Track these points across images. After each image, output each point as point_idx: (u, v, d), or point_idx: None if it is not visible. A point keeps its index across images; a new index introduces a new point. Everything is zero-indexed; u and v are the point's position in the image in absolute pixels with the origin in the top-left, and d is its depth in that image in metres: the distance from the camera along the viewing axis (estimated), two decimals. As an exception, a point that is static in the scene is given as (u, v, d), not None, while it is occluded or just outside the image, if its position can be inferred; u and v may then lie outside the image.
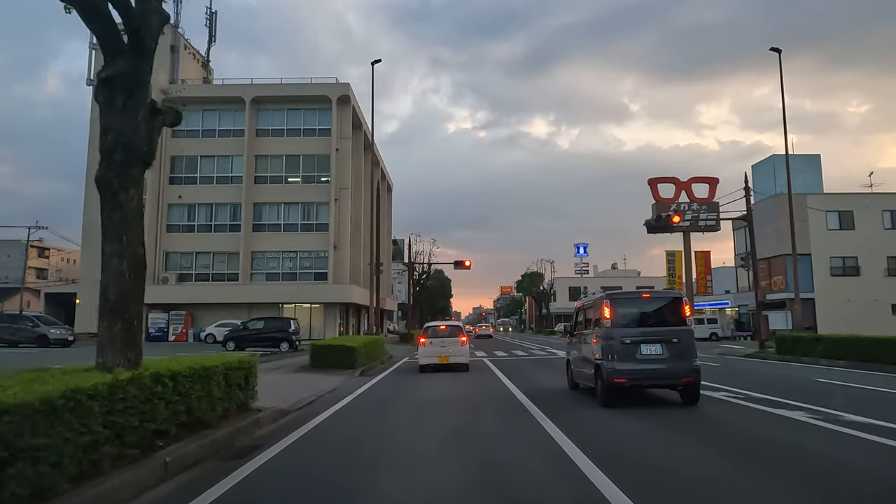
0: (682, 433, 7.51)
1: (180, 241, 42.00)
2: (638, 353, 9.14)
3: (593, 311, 10.64)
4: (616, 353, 9.15)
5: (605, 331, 9.48)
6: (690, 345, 9.44)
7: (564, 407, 9.72)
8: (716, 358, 24.79)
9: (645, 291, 10.91)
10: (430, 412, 9.83)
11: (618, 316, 9.51)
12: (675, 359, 9.17)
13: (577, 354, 11.66)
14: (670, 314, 9.65)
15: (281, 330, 27.92)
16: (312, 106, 42.99)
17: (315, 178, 42.55)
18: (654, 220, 24.63)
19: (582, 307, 12.01)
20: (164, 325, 39.79)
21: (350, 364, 17.41)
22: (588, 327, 10.97)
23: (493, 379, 16.07)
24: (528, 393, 11.86)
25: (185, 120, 34.79)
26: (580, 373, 11.22)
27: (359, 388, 13.86)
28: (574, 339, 12.30)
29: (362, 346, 18.62)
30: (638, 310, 9.83)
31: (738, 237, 49.27)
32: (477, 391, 13.22)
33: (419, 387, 14.59)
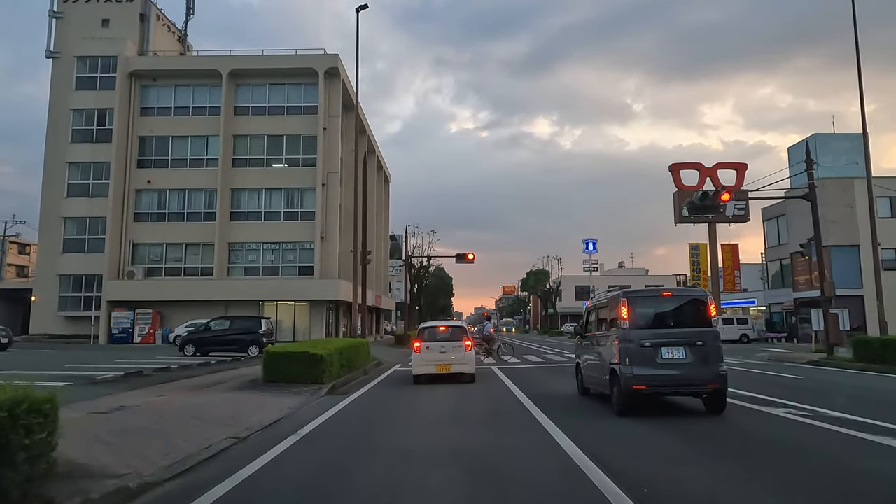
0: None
1: (149, 231, 37.52)
2: (658, 357, 8.55)
3: (608, 311, 9.93)
4: (634, 357, 8.55)
5: (621, 332, 8.79)
6: (716, 348, 8.73)
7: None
8: (772, 365, 20.42)
9: (665, 289, 10.06)
10: (419, 473, 5.56)
11: (636, 316, 8.86)
12: (699, 363, 8.56)
13: (588, 358, 11.04)
14: (694, 314, 9.04)
15: (249, 331, 23.46)
16: (297, 80, 38.50)
17: (300, 161, 38.02)
18: (699, 199, 20.13)
19: (594, 306, 11.10)
20: (128, 326, 35.34)
21: (316, 377, 12.99)
22: (601, 328, 10.36)
23: (512, 400, 11.53)
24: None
25: (155, 96, 30.41)
26: (592, 378, 10.65)
27: (319, 415, 9.57)
28: (585, 342, 11.59)
29: (335, 352, 14.13)
30: (658, 309, 9.20)
31: (769, 228, 44.71)
32: (490, 417, 9.29)
33: (407, 411, 10.42)
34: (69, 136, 37.63)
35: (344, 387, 13.83)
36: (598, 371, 10.06)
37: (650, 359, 8.51)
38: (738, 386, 12.24)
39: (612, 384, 9.08)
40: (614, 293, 9.78)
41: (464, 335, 15.07)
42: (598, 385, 10.14)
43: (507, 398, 11.92)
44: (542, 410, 9.63)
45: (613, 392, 9.03)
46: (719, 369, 8.56)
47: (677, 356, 8.56)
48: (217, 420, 8.65)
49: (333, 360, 13.90)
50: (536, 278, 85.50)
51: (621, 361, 8.65)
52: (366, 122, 48.06)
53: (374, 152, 54.17)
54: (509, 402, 11.34)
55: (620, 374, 8.61)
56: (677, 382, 8.62)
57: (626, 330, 8.76)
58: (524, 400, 11.25)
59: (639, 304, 9.04)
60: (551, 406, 10.14)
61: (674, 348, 8.59)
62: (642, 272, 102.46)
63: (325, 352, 13.36)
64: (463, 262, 37.93)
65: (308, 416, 9.52)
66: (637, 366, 8.49)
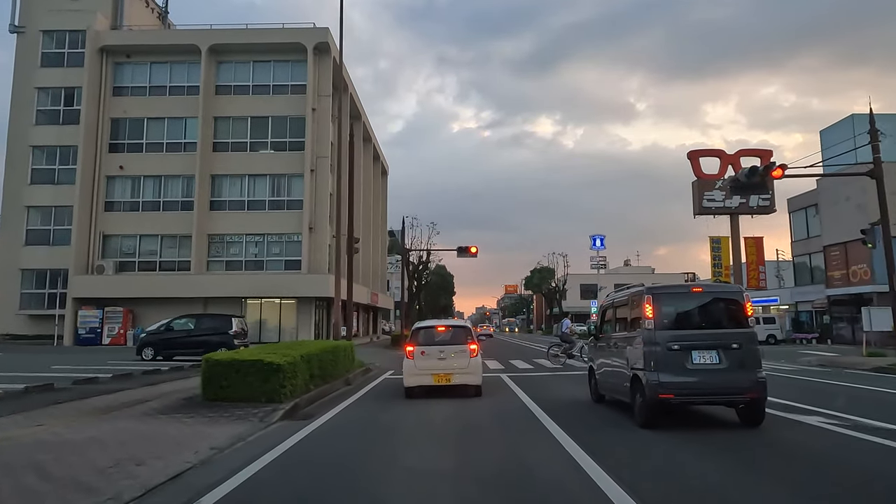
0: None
1: (121, 222, 34.22)
2: (688, 362, 7.68)
3: (628, 310, 9.02)
4: (661, 362, 7.64)
5: (646, 334, 7.86)
6: (754, 351, 7.81)
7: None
8: (829, 372, 17.28)
9: (696, 284, 9.18)
10: None
11: (662, 315, 7.95)
12: (734, 369, 7.67)
13: (604, 362, 10.04)
14: (728, 313, 8.16)
15: (217, 331, 20.17)
16: (284, 57, 35.18)
17: (287, 145, 34.72)
18: (746, 176, 16.93)
19: (611, 304, 10.19)
20: (97, 325, 32.07)
21: (272, 393, 9.78)
22: (620, 329, 9.45)
23: (531, 423, 8.29)
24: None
25: (129, 74, 26.62)
26: (608, 384, 9.77)
27: (252, 460, 6.67)
28: (600, 344, 10.53)
29: (302, 360, 10.86)
30: (687, 308, 8.28)
31: (796, 220, 41.37)
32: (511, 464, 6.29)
33: (388, 450, 7.20)
34: (34, 117, 34.39)
35: (311, 405, 10.55)
36: (615, 377, 9.23)
37: (679, 364, 7.70)
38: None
39: (633, 392, 8.26)
40: (636, 289, 8.77)
41: (468, 337, 11.85)
42: (616, 392, 9.36)
43: (524, 419, 8.65)
44: (591, 456, 6.35)
45: (636, 401, 8.17)
46: (758, 376, 7.71)
47: (710, 361, 7.76)
48: (77, 476, 5.37)
49: (298, 371, 10.61)
50: (541, 276, 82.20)
51: (646, 367, 7.81)
52: (360, 106, 44.77)
53: (371, 141, 50.89)
54: (530, 426, 8.10)
55: (645, 381, 7.77)
56: (710, 391, 7.77)
57: (651, 331, 7.88)
58: (553, 429, 7.93)
59: (666, 301, 8.15)
60: (601, 445, 6.92)
61: (706, 352, 7.77)
62: (648, 270, 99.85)
63: (285, 360, 10.08)
64: (465, 256, 34.66)
65: (236, 462, 6.29)
66: (664, 372, 7.65)
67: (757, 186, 18.57)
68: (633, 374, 8.21)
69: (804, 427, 8.11)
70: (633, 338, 8.48)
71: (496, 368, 18.36)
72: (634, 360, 8.21)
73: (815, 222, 38.61)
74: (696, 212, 35.80)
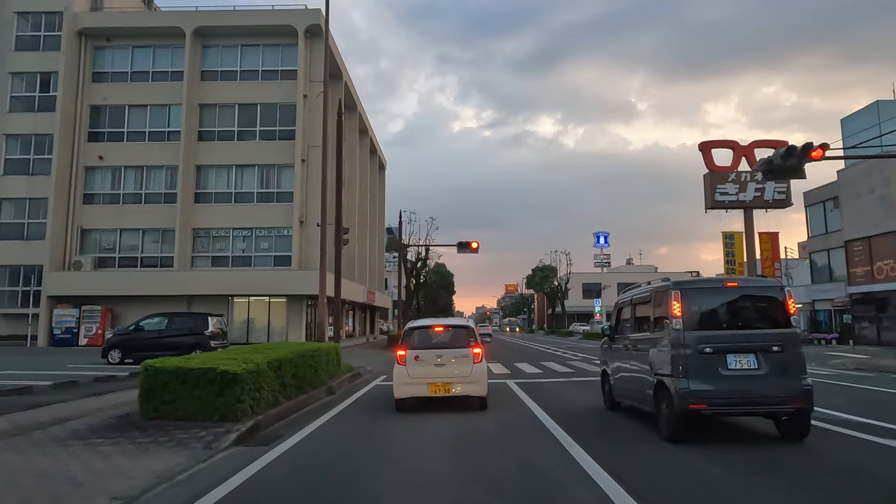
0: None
1: (101, 215, 32.23)
2: (723, 367, 6.91)
3: (650, 307, 8.11)
4: (691, 367, 6.89)
5: (674, 335, 7.11)
6: (797, 355, 7.04)
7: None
8: (873, 378, 15.49)
9: (730, 279, 8.24)
10: None
11: (692, 314, 7.19)
12: (776, 374, 6.89)
13: (621, 366, 9.12)
14: (768, 311, 7.40)
15: (192, 331, 18.21)
16: (274, 40, 33.19)
17: (277, 134, 32.74)
18: (782, 157, 15.04)
19: (629, 301, 9.12)
20: (73, 325, 30.09)
21: (227, 410, 7.89)
22: (640, 329, 8.51)
23: (557, 452, 6.32)
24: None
25: (109, 59, 23.51)
26: (626, 390, 8.94)
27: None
28: (616, 346, 9.45)
29: (266, 368, 8.91)
30: (721, 305, 7.47)
31: (812, 215, 39.43)
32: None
33: (371, 485, 5.38)
34: (7, 104, 32.35)
35: (279, 423, 8.60)
36: (635, 383, 8.45)
37: (712, 369, 6.97)
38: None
39: (658, 401, 7.50)
40: (660, 284, 7.90)
41: (470, 339, 9.91)
42: (635, 400, 8.61)
43: (540, 440, 6.70)
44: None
45: (661, 411, 7.40)
46: (802, 382, 6.97)
47: (747, 365, 7.01)
48: None
49: (264, 380, 8.67)
50: (543, 275, 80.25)
51: (673, 372, 7.08)
52: (355, 95, 42.79)
53: (367, 133, 48.90)
54: (548, 450, 6.18)
55: (673, 389, 7.01)
56: (748, 400, 6.97)
57: (679, 332, 7.12)
58: (577, 452, 5.99)
59: (696, 298, 7.37)
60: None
61: (743, 355, 7.02)
62: (651, 269, 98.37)
63: (244, 367, 8.12)
64: (466, 252, 32.68)
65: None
66: (695, 378, 6.92)
67: (792, 170, 16.51)
68: (658, 380, 7.39)
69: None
70: (657, 339, 7.63)
71: (501, 373, 16.43)
72: (659, 364, 7.43)
73: (834, 217, 36.71)
74: (707, 205, 33.89)
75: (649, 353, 7.85)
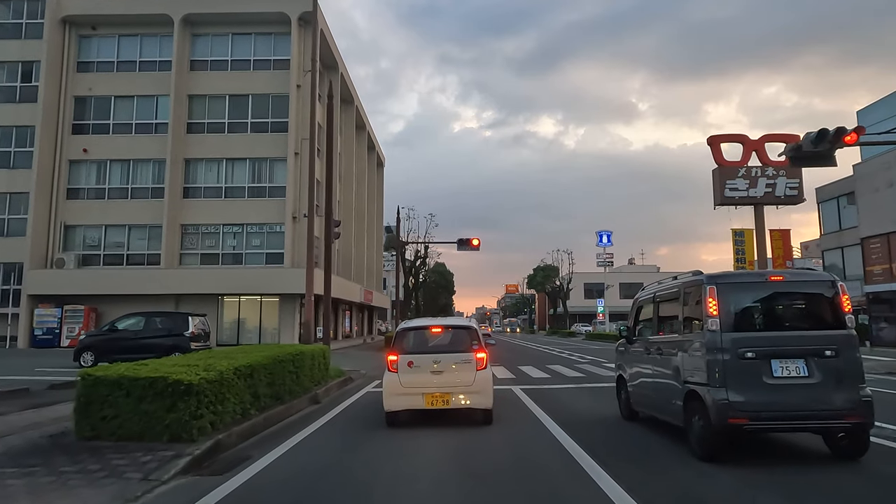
0: None
1: (85, 211, 30.86)
2: (767, 375, 5.94)
3: (678, 305, 7.09)
4: (730, 375, 5.95)
5: (709, 337, 6.14)
6: (854, 360, 6.05)
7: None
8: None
9: (774, 272, 6.83)
10: None
11: (731, 312, 6.21)
12: (829, 383, 5.90)
13: (640, 371, 8.12)
14: (818, 310, 6.41)
15: (171, 332, 16.87)
16: (266, 29, 31.84)
17: (269, 126, 31.36)
18: (813, 141, 13.56)
19: (650, 299, 8.12)
20: (55, 325, 28.72)
21: (180, 429, 6.45)
22: (666, 329, 7.61)
23: (577, 479, 4.90)
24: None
25: (95, 48, 20.72)
26: (646, 399, 7.90)
27: None
28: (634, 348, 8.49)
29: (233, 376, 7.56)
30: (764, 302, 6.52)
31: (825, 211, 38.07)
32: None
33: None
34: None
35: (247, 441, 7.26)
36: (658, 391, 7.45)
37: (754, 377, 5.91)
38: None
39: (688, 413, 6.45)
40: (691, 278, 6.89)
41: (473, 342, 8.56)
42: (657, 410, 7.65)
43: (556, 463, 5.36)
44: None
45: (693, 425, 6.33)
46: (861, 393, 5.90)
47: (796, 373, 5.95)
48: None
49: (228, 391, 7.32)
50: (545, 274, 78.88)
51: (709, 381, 6.05)
52: (352, 88, 41.46)
53: (365, 128, 47.57)
54: (568, 476, 4.91)
55: (709, 400, 5.95)
56: (797, 413, 5.85)
57: (715, 333, 6.08)
58: (602, 479, 4.70)
59: (735, 294, 6.32)
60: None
61: (790, 361, 5.97)
62: (653, 269, 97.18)
63: (203, 376, 6.77)
64: (466, 249, 31.36)
65: None
66: (735, 388, 5.88)
67: (822, 157, 15.16)
68: (689, 389, 6.46)
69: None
70: (687, 342, 6.69)
71: (505, 378, 15.07)
72: (690, 371, 6.51)
73: (848, 213, 35.34)
74: (716, 202, 32.42)
75: (677, 358, 6.91)
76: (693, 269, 7.12)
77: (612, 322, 63.28)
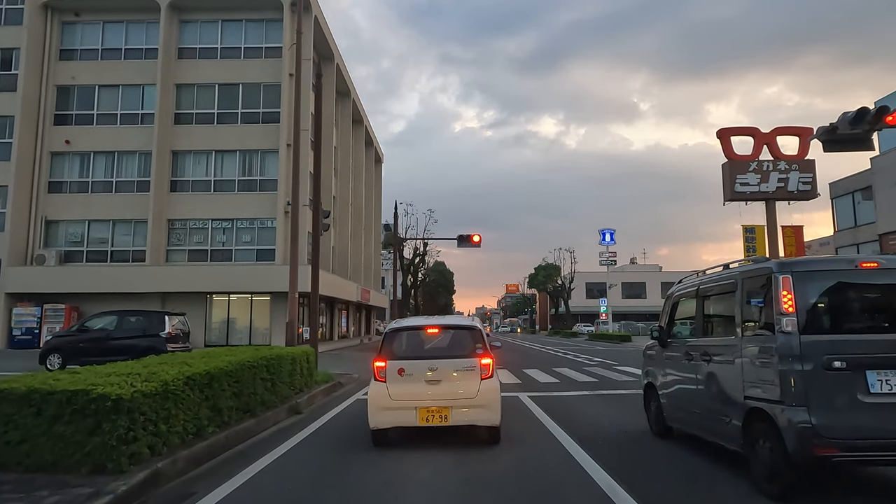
0: None
1: (67, 205, 29.49)
2: (862, 391, 4.60)
3: (734, 300, 5.69)
4: (814, 391, 4.62)
5: (783, 341, 4.82)
6: None
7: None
8: None
9: (866, 258, 5.19)
10: None
11: (811, 310, 4.90)
12: None
13: (677, 379, 6.78)
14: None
15: (146, 333, 15.50)
16: (257, 15, 30.48)
17: (260, 117, 30.01)
18: (851, 121, 11.95)
19: (694, 292, 6.74)
20: (34, 325, 27.34)
21: (104, 456, 5.02)
22: (715, 331, 6.36)
23: None
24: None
25: (78, 35, 19.25)
26: (686, 414, 6.53)
27: None
28: (669, 353, 7.12)
29: (183, 388, 6.16)
30: (855, 296, 5.17)
31: (840, 207, 36.71)
32: None
33: None
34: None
35: (196, 469, 5.88)
36: (705, 406, 5.97)
37: (846, 394, 4.57)
38: None
39: (751, 438, 5.11)
40: (753, 266, 5.50)
41: (477, 345, 7.18)
42: (703, 428, 6.16)
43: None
44: None
45: (757, 453, 5.01)
46: None
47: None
48: None
49: (176, 406, 5.94)
50: (546, 273, 77.53)
51: (784, 398, 4.70)
52: (348, 80, 40.08)
53: (362, 123, 46.20)
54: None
55: (785, 423, 4.64)
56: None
57: (791, 336, 4.75)
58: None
59: (816, 285, 4.95)
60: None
61: (893, 373, 4.57)
62: (656, 268, 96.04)
63: (140, 388, 5.39)
64: (466, 245, 30.01)
65: None
66: (820, 408, 4.54)
67: (859, 140, 13.72)
68: (752, 407, 5.14)
69: None
70: (749, 347, 5.34)
71: (510, 383, 13.70)
72: (754, 383, 5.18)
73: (864, 208, 34.00)
74: (726, 197, 31.01)
75: (734, 367, 5.53)
76: (752, 256, 5.75)
77: (615, 322, 62.07)
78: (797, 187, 31.90)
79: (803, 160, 33.61)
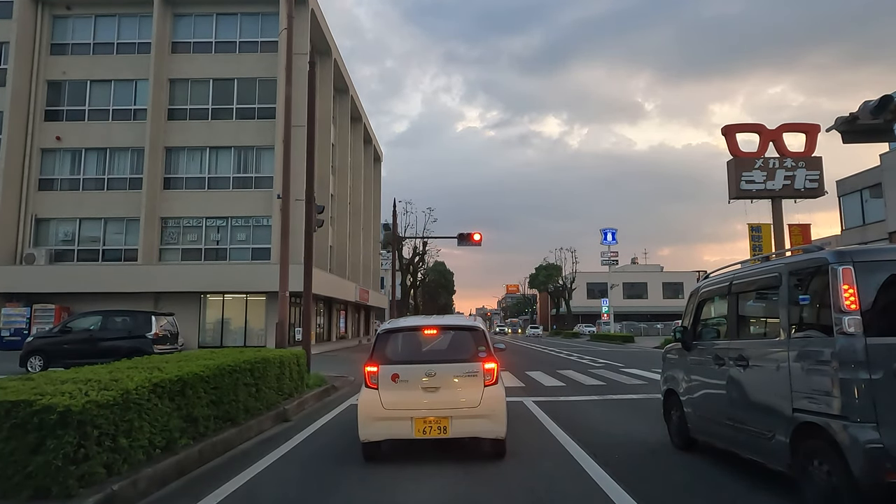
0: None
1: (58, 203, 28.79)
2: None
3: (777, 297, 5.01)
4: (885, 404, 3.94)
5: (844, 344, 4.14)
6: None
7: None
8: None
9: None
10: None
11: (878, 308, 4.16)
12: None
13: (704, 384, 6.13)
14: None
15: (132, 333, 14.80)
16: (253, 8, 29.80)
17: (255, 113, 29.31)
18: (873, 110, 11.10)
19: (727, 288, 5.97)
20: (23, 326, 26.61)
21: (49, 478, 4.27)
22: (753, 331, 5.74)
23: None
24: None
25: (70, 29, 17.49)
26: (716, 425, 5.79)
27: None
28: (694, 357, 6.45)
29: (147, 395, 5.43)
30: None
31: (847, 205, 36.00)
32: None
33: None
34: (-48, 78, 28.97)
35: (161, 490, 5.17)
36: (738, 415, 5.32)
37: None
38: None
39: (802, 457, 4.44)
40: (804, 257, 4.81)
41: (480, 348, 6.44)
42: (738, 443, 5.42)
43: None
44: None
45: (812, 476, 4.32)
46: None
47: None
48: None
49: (138, 417, 5.23)
50: (547, 273, 76.85)
51: (845, 411, 4.03)
52: (346, 76, 39.38)
53: (361, 120, 45.48)
54: None
55: (849, 442, 3.96)
56: None
57: (855, 338, 4.08)
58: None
59: (883, 277, 4.19)
60: None
61: None
62: (657, 268, 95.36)
63: (92, 399, 4.67)
64: (466, 244, 29.32)
65: None
66: (892, 425, 3.85)
67: (881, 131, 12.97)
68: (804, 421, 4.42)
69: None
70: (800, 351, 4.61)
71: (514, 387, 12.99)
72: (806, 394, 4.44)
73: (873, 206, 33.30)
74: (731, 195, 30.45)
75: (779, 373, 4.79)
76: (807, 244, 5.04)
77: (616, 322, 61.41)
78: (804, 185, 31.30)
79: (810, 157, 32.91)
